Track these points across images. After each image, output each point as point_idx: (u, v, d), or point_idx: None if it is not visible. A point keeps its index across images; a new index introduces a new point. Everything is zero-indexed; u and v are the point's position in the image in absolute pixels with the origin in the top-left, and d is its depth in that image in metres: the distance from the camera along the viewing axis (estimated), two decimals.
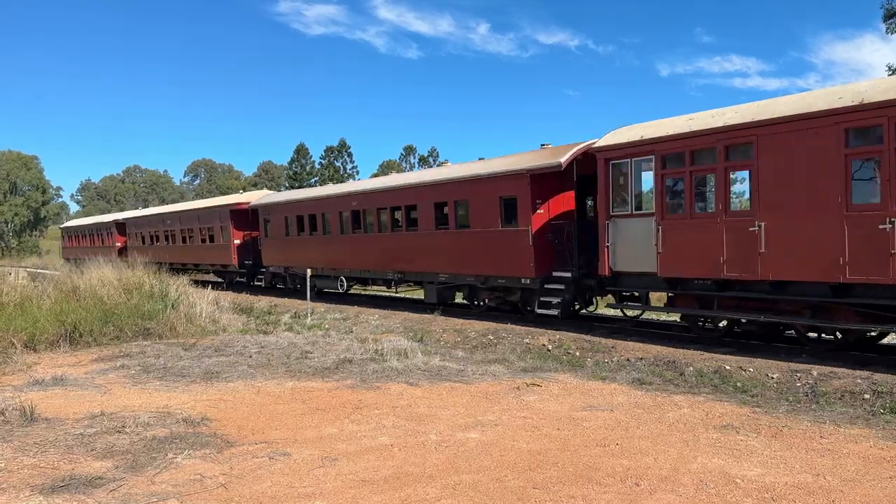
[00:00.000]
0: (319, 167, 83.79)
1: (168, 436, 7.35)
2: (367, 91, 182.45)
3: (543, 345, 13.25)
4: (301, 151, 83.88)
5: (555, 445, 6.99)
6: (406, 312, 18.46)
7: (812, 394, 9.14)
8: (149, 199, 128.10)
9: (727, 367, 10.36)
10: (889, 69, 38.86)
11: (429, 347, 13.45)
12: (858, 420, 7.96)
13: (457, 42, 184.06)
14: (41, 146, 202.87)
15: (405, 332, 15.40)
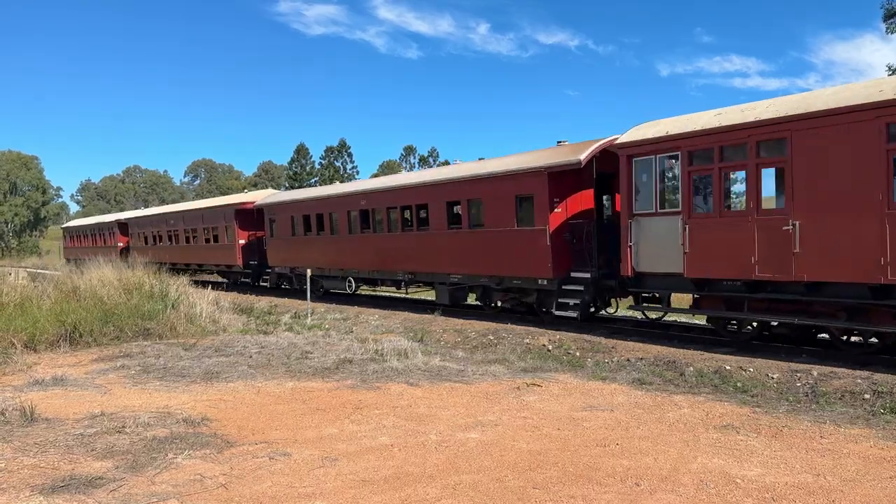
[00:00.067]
0: (319, 167, 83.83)
1: (168, 436, 7.35)
2: (367, 91, 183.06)
3: (543, 345, 13.25)
4: (301, 151, 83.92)
5: (555, 445, 6.99)
6: (406, 312, 18.45)
7: (812, 394, 9.14)
8: (149, 200, 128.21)
9: (727, 367, 10.36)
10: (889, 69, 38.88)
11: (429, 347, 13.44)
12: (859, 420, 7.96)
13: (457, 42, 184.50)
14: (41, 146, 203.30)
15: (405, 333, 15.40)
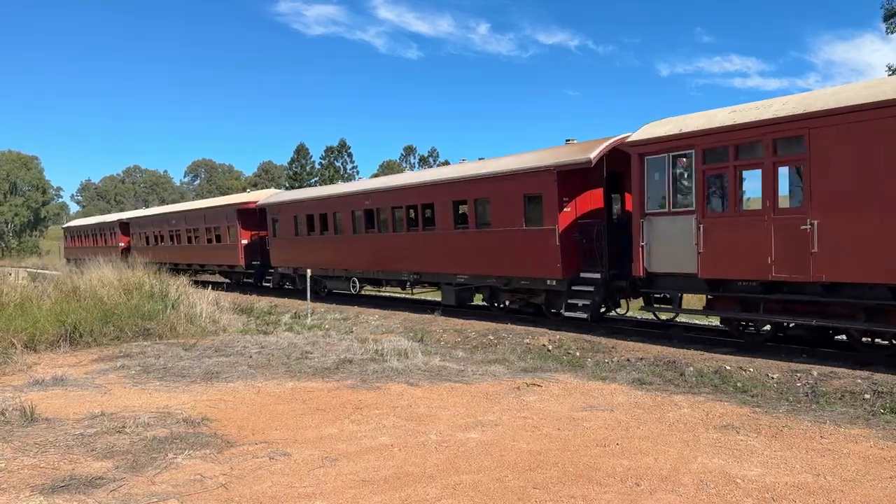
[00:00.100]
0: (319, 167, 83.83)
1: (168, 436, 7.35)
2: (367, 91, 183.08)
3: (543, 345, 13.24)
4: (301, 151, 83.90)
5: (555, 445, 6.99)
6: (406, 312, 18.45)
7: (812, 394, 9.13)
8: (149, 200, 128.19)
9: (727, 367, 10.36)
10: (889, 69, 38.87)
11: (429, 347, 13.44)
12: (859, 420, 7.96)
13: (457, 42, 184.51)
14: (41, 146, 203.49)
15: (405, 333, 15.39)
